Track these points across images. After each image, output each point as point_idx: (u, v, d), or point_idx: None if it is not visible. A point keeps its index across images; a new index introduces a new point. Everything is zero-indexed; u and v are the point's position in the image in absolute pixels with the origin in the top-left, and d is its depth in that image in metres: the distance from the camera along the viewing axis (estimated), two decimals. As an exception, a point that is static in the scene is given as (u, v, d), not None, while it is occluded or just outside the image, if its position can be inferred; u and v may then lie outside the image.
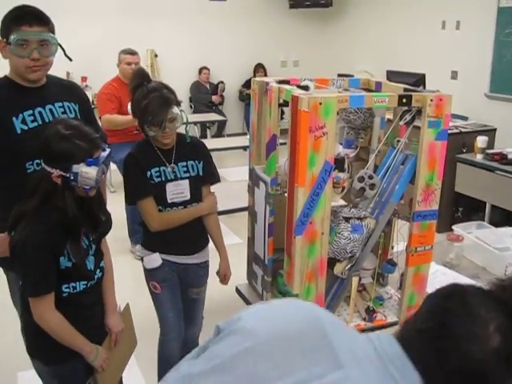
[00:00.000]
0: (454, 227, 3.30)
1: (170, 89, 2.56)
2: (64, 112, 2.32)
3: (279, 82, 2.50)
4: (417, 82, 6.18)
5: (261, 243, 2.69)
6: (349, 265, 2.54)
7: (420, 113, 2.36)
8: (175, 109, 2.47)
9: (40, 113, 2.23)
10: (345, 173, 2.55)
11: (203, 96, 8.85)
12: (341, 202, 2.67)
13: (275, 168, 2.54)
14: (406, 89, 2.47)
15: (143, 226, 2.65)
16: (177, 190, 2.57)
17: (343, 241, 2.44)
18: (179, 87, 9.23)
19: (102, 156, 1.97)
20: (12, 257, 1.93)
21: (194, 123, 7.89)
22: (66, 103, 2.34)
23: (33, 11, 2.16)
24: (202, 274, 2.82)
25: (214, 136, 8.81)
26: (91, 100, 4.77)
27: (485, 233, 3.17)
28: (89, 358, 2.07)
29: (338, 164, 2.50)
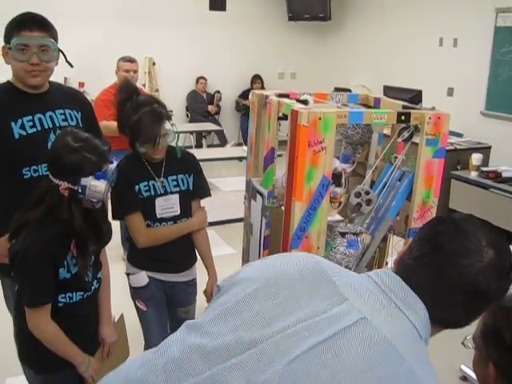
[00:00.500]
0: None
1: (161, 102, 2.48)
2: (65, 119, 2.31)
3: (278, 96, 2.50)
4: (413, 98, 6.25)
5: (255, 255, 2.69)
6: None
7: (418, 130, 2.37)
8: (167, 124, 2.40)
9: (40, 119, 2.23)
10: (341, 187, 2.56)
11: (199, 105, 8.88)
12: (337, 217, 2.67)
13: (272, 181, 2.55)
14: (405, 106, 2.48)
15: (130, 241, 2.60)
16: (166, 205, 2.51)
17: (338, 255, 2.44)
18: (176, 96, 9.32)
19: (110, 169, 1.96)
20: (11, 265, 1.92)
21: (190, 132, 7.90)
22: (68, 110, 2.33)
23: (35, 17, 2.16)
24: (190, 292, 2.78)
25: (214, 146, 8.82)
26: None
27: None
28: (80, 369, 2.06)
29: (335, 179, 2.50)
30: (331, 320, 1.02)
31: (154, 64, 8.57)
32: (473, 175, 5.34)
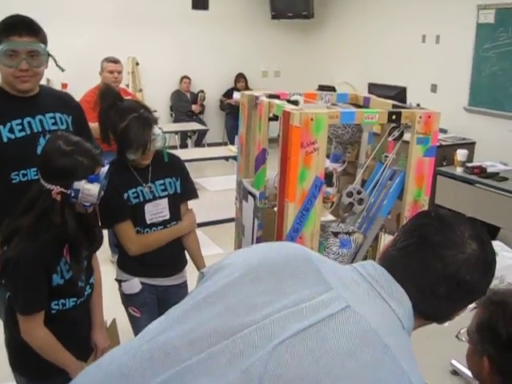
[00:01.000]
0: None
1: (146, 107, 2.43)
2: (55, 123, 2.28)
3: (269, 96, 2.50)
4: (398, 95, 6.29)
5: (248, 257, 2.68)
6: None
7: (409, 126, 2.37)
8: (156, 129, 2.36)
9: (29, 122, 2.20)
10: (333, 187, 2.56)
11: (183, 105, 8.85)
12: (329, 217, 2.67)
13: (264, 182, 2.54)
14: (395, 105, 2.49)
15: (119, 248, 2.56)
16: (156, 210, 2.48)
17: (332, 255, 2.45)
18: (160, 96, 9.28)
19: (103, 172, 1.94)
20: (3, 272, 1.90)
21: (175, 132, 7.87)
22: (58, 114, 2.31)
23: (23, 21, 2.13)
24: (182, 295, 2.76)
25: (195, 145, 8.80)
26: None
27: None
28: (73, 376, 2.04)
29: (326, 178, 2.49)
30: (316, 307, 1.03)
31: (138, 64, 8.52)
32: (458, 171, 5.38)
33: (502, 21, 6.37)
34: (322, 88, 10.33)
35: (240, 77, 9.33)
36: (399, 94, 6.02)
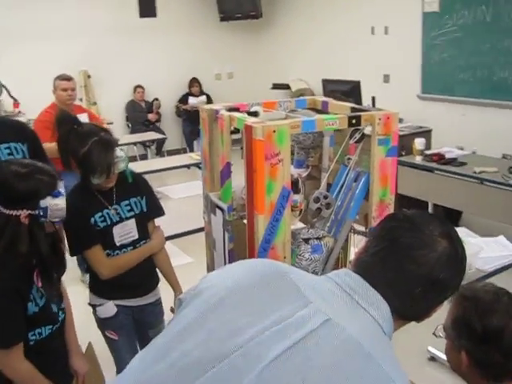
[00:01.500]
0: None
1: (106, 129, 2.42)
2: (10, 153, 2.25)
3: (229, 110, 2.50)
4: (353, 89, 6.33)
5: (221, 270, 2.68)
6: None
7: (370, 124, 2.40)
8: (118, 151, 2.34)
9: None
10: (300, 194, 2.58)
11: (139, 115, 8.78)
12: (299, 225, 2.69)
13: (231, 195, 2.54)
14: (354, 108, 2.52)
15: (90, 272, 2.54)
16: (124, 232, 2.47)
17: (304, 262, 2.46)
18: (115, 107, 9.16)
19: (62, 186, 1.94)
20: None
21: (134, 143, 7.79)
22: (13, 144, 2.27)
23: None
24: (158, 312, 2.78)
25: (155, 155, 8.72)
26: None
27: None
28: None
29: (293, 186, 2.51)
30: (297, 324, 1.04)
31: (89, 77, 8.39)
32: (418, 159, 5.48)
33: (447, 8, 6.50)
34: (276, 86, 10.36)
35: (194, 81, 9.29)
36: (354, 89, 6.09)
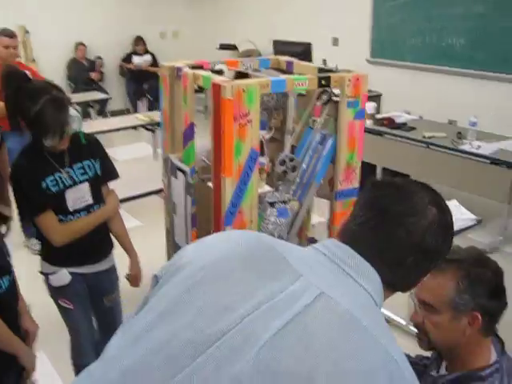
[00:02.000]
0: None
1: (58, 87, 2.25)
2: None
3: (192, 68, 2.39)
4: (304, 52, 6.25)
5: (183, 235, 2.61)
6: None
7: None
8: (71, 110, 2.22)
9: None
10: (265, 156, 2.52)
11: (81, 73, 8.43)
12: (266, 188, 2.64)
13: (194, 157, 2.45)
14: (321, 69, 2.46)
15: (42, 239, 2.41)
16: (77, 196, 2.35)
17: (270, 226, 2.42)
18: (55, 65, 8.75)
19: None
20: None
21: (77, 103, 7.48)
22: None
23: None
24: (114, 278, 2.70)
25: (97, 114, 8.42)
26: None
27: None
28: (23, 359, 1.97)
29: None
30: (290, 299, 0.99)
31: (28, 32, 7.90)
32: (368, 124, 5.49)
33: (398, -28, 6.48)
34: (223, 47, 10.15)
35: (138, 40, 8.95)
36: (305, 51, 6.03)
